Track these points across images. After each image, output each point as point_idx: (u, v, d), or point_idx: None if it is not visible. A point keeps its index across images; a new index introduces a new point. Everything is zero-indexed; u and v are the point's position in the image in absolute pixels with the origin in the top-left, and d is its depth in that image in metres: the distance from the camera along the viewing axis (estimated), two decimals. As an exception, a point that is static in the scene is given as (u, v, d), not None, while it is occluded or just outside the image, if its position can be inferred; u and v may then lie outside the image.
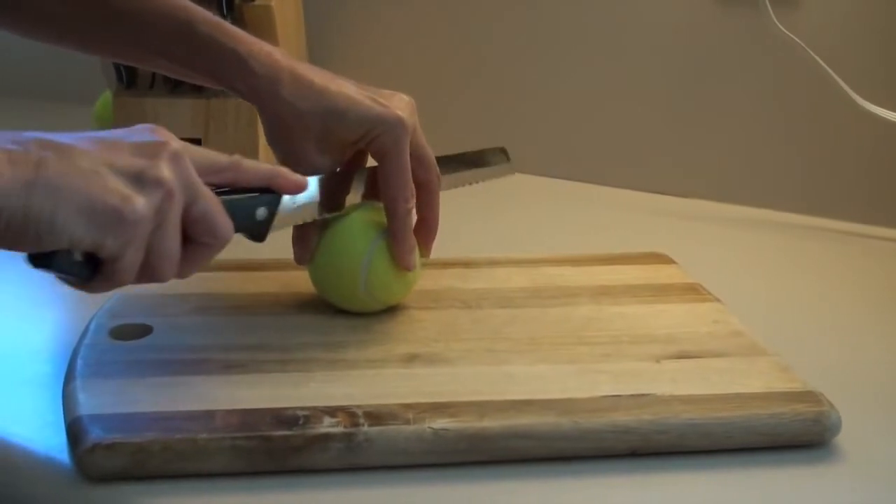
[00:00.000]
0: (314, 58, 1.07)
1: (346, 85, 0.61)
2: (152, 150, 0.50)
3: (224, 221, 0.53)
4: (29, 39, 0.67)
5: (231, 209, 0.54)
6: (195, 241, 0.52)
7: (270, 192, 0.58)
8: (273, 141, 0.62)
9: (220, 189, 0.54)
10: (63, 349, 0.61)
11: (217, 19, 0.61)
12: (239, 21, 0.91)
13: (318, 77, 0.61)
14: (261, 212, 0.57)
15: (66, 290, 0.71)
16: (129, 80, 0.94)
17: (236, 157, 0.55)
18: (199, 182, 0.51)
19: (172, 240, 0.51)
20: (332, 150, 0.62)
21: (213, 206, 0.52)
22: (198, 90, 0.94)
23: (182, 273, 0.53)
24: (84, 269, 0.50)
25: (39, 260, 0.48)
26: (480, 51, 1.08)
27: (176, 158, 0.50)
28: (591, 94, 1.03)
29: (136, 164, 0.49)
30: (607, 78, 1.02)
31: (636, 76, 1.01)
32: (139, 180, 0.48)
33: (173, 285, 0.67)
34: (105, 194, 0.47)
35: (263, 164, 0.57)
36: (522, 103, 1.07)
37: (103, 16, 0.62)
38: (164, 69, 0.64)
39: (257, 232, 0.58)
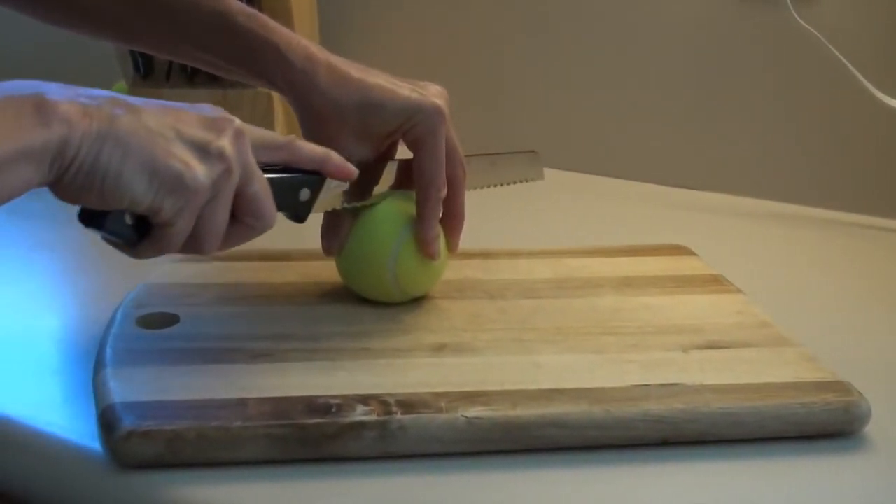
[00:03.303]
0: (326, 48, 1.07)
1: (382, 76, 0.61)
2: (218, 125, 0.51)
3: (271, 207, 0.53)
4: (62, 29, 0.66)
5: (277, 187, 0.54)
6: (240, 221, 0.53)
7: (314, 174, 0.58)
8: (309, 134, 0.62)
9: (269, 167, 0.55)
10: (88, 339, 0.61)
11: (253, 11, 0.61)
12: (256, 8, 0.91)
13: (355, 69, 0.61)
14: (304, 193, 0.58)
15: (89, 280, 0.72)
16: (145, 70, 0.94)
17: (292, 137, 0.56)
18: (254, 164, 0.52)
19: (223, 214, 0.51)
20: (368, 142, 0.62)
21: (264, 190, 0.53)
22: (214, 81, 0.93)
23: (222, 248, 0.54)
24: (133, 233, 0.50)
25: (91, 219, 0.50)
26: (500, 44, 1.08)
27: (238, 137, 0.51)
28: (612, 88, 1.03)
29: (202, 135, 0.49)
30: (627, 72, 1.02)
31: (656, 71, 1.01)
32: (203, 151, 0.49)
33: (198, 275, 0.68)
34: (169, 158, 0.48)
35: (317, 146, 0.58)
36: (543, 98, 1.07)
37: (140, 7, 0.62)
38: (200, 62, 0.64)
39: (300, 212, 0.58)
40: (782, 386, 0.55)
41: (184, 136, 0.49)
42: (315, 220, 0.63)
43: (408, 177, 0.64)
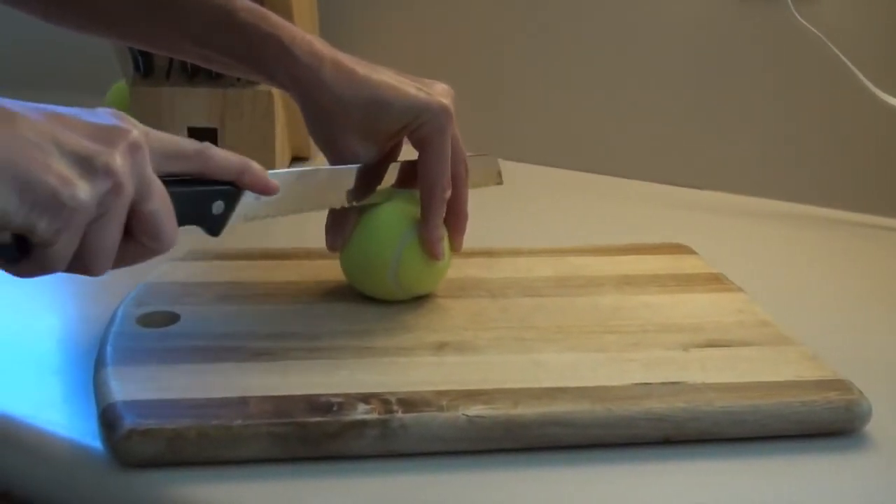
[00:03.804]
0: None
1: (387, 73, 0.61)
2: (110, 136, 0.46)
3: (171, 228, 0.49)
4: (67, 30, 0.66)
5: (183, 201, 0.51)
6: (135, 239, 0.49)
7: (230, 186, 0.55)
8: (313, 131, 0.61)
9: (178, 178, 0.51)
10: (89, 338, 0.61)
11: (257, 7, 0.61)
12: (258, 3, 0.91)
13: (360, 65, 0.60)
14: (217, 206, 0.54)
15: (89, 280, 0.71)
16: (146, 69, 0.94)
17: (205, 145, 0.52)
18: (153, 179, 0.48)
19: (112, 234, 0.47)
20: (373, 140, 0.61)
21: (164, 208, 0.49)
22: (215, 80, 0.93)
23: (115, 267, 0.49)
24: (12, 250, 0.46)
25: None
26: (500, 43, 1.08)
27: (134, 149, 0.47)
28: (612, 87, 1.03)
29: (88, 147, 0.45)
30: (628, 71, 1.02)
31: (657, 70, 1.01)
32: (87, 165, 0.45)
33: (199, 274, 0.68)
34: (45, 173, 0.43)
35: (234, 155, 0.54)
36: (544, 97, 1.07)
37: (143, 4, 0.62)
38: (203, 59, 0.64)
39: (213, 226, 0.55)
40: (783, 384, 0.55)
41: (65, 148, 0.44)
42: (318, 218, 0.64)
43: (410, 177, 0.64)
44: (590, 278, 0.70)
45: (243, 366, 0.55)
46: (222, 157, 0.53)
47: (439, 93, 0.61)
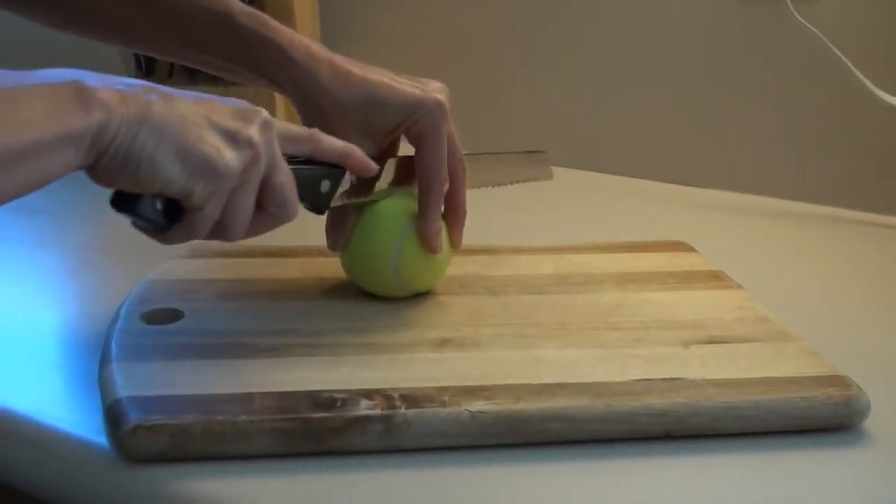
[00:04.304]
0: (328, 47, 1.07)
1: (383, 73, 0.62)
2: (247, 115, 0.52)
3: (295, 198, 0.55)
4: (67, 34, 0.67)
5: (300, 178, 0.56)
6: (265, 210, 0.55)
7: (335, 167, 0.59)
8: None
9: (293, 159, 0.56)
10: (93, 335, 0.61)
11: (255, 11, 0.62)
12: (258, 7, 0.91)
13: (356, 66, 0.61)
14: (325, 185, 0.59)
15: (93, 277, 0.72)
16: (147, 68, 0.94)
17: (314, 131, 0.58)
18: (280, 155, 0.54)
19: (250, 201, 0.53)
20: (371, 138, 0.62)
21: (289, 180, 0.55)
22: (216, 79, 0.93)
23: (247, 236, 0.55)
24: (163, 218, 0.52)
25: (123, 204, 0.51)
26: (502, 43, 1.08)
27: (266, 127, 0.53)
28: (613, 86, 1.04)
29: (232, 123, 0.51)
30: (629, 71, 1.03)
31: (657, 69, 1.01)
32: (233, 138, 0.51)
33: (201, 271, 0.68)
34: (201, 143, 0.50)
35: (338, 140, 0.59)
36: (545, 96, 1.07)
37: (143, 10, 0.63)
38: (202, 63, 0.64)
39: (320, 204, 0.60)
40: (783, 380, 0.56)
41: (215, 123, 0.51)
42: (318, 217, 0.64)
43: (407, 173, 0.64)
44: (590, 275, 0.70)
45: (247, 362, 0.56)
46: (330, 141, 0.58)
47: (434, 89, 0.62)
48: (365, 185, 0.63)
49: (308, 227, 0.64)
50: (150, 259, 0.67)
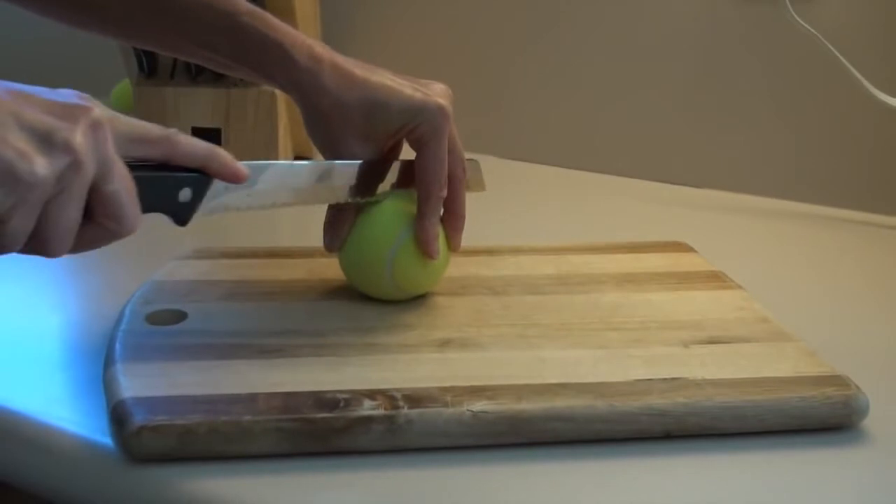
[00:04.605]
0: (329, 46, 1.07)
1: (386, 75, 0.62)
2: (71, 113, 0.46)
3: (132, 210, 0.49)
4: (71, 28, 0.67)
5: (148, 186, 0.50)
6: (96, 222, 0.48)
7: (199, 173, 0.54)
8: (313, 132, 0.62)
9: (146, 164, 0.51)
10: (97, 336, 0.61)
11: (259, 10, 0.61)
12: (259, 5, 0.91)
13: (359, 68, 0.61)
14: (184, 193, 0.53)
15: (96, 278, 0.72)
16: (150, 68, 0.94)
17: (172, 132, 0.52)
18: (115, 159, 0.47)
19: (71, 213, 0.46)
20: (373, 141, 0.62)
21: (126, 189, 0.48)
22: (218, 80, 0.94)
23: (74, 251, 0.49)
24: None
25: None
26: (502, 44, 1.09)
27: (95, 127, 0.46)
28: (613, 87, 1.04)
29: (48, 122, 0.45)
30: (628, 71, 1.03)
31: (656, 69, 1.02)
32: (47, 141, 0.45)
33: (205, 272, 0.68)
34: (1, 146, 0.43)
35: (201, 142, 0.53)
36: (545, 96, 1.07)
37: (148, 5, 0.63)
38: (204, 60, 0.64)
39: (180, 214, 0.54)
40: (782, 380, 0.56)
41: (25, 123, 0.44)
42: (322, 216, 0.64)
43: (410, 176, 0.64)
44: (591, 276, 0.71)
45: (251, 363, 0.56)
46: (188, 144, 0.52)
47: (437, 93, 0.61)
48: (367, 187, 0.63)
49: (311, 228, 0.65)
50: (154, 260, 0.68)
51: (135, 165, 0.49)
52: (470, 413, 0.52)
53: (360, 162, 0.62)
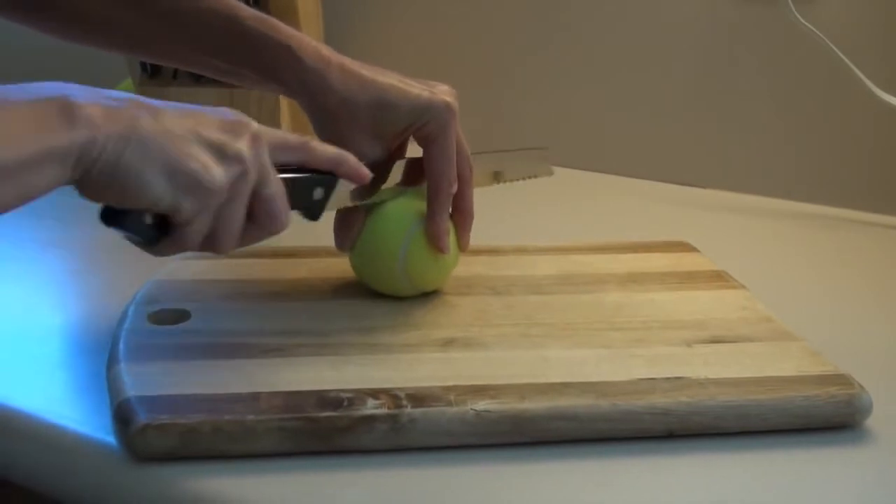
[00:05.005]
0: (332, 48, 1.07)
1: (392, 75, 0.62)
2: (236, 129, 0.52)
3: (285, 209, 0.55)
4: (73, 43, 0.67)
5: (292, 187, 0.56)
6: (255, 221, 0.55)
7: (328, 174, 0.59)
8: (321, 133, 0.62)
9: (284, 167, 0.56)
10: (100, 335, 0.61)
11: (263, 14, 0.62)
12: (263, 10, 0.91)
13: (366, 69, 0.62)
14: (318, 192, 0.59)
15: (99, 278, 0.72)
16: (153, 69, 0.94)
17: (307, 139, 0.58)
18: (271, 168, 0.54)
19: (239, 215, 0.53)
20: (380, 140, 0.62)
21: (279, 192, 0.55)
22: (221, 81, 0.94)
23: (238, 247, 0.55)
24: (152, 232, 0.52)
25: (112, 219, 0.51)
26: (506, 44, 1.09)
27: (256, 140, 0.53)
28: (616, 87, 1.04)
29: (220, 137, 0.51)
30: (631, 71, 1.03)
31: (659, 69, 1.02)
32: (221, 153, 0.51)
33: (207, 271, 0.68)
34: (189, 159, 0.50)
35: (331, 147, 0.59)
36: (548, 97, 1.07)
37: (150, 16, 0.63)
38: (211, 68, 0.64)
39: (314, 211, 0.60)
40: (785, 379, 0.56)
41: (202, 138, 0.51)
42: (324, 217, 0.64)
43: (415, 174, 0.65)
44: (594, 276, 0.71)
45: (254, 362, 0.56)
46: (323, 149, 0.58)
47: (443, 92, 0.62)
48: (372, 186, 0.63)
49: (315, 228, 0.64)
50: (157, 259, 0.68)
51: (277, 169, 0.55)
52: (473, 412, 0.52)
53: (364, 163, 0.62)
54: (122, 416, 0.51)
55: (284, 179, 0.55)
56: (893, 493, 0.51)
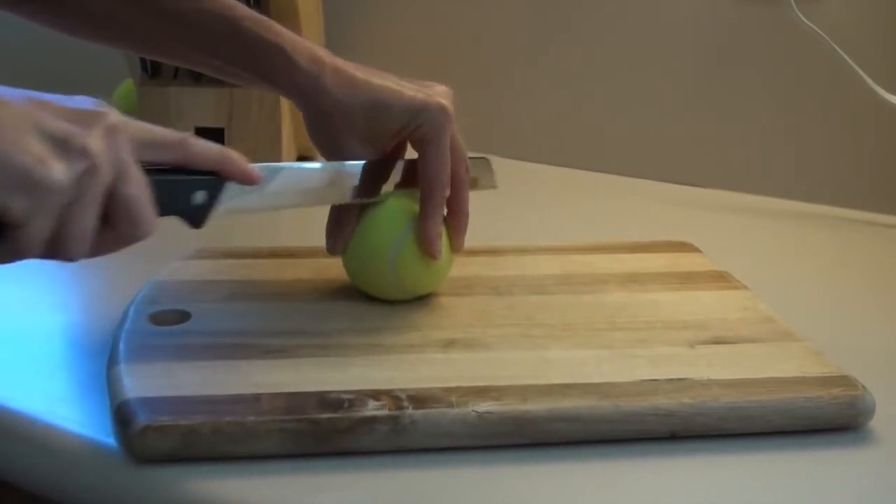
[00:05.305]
0: (332, 48, 1.07)
1: (387, 77, 0.62)
2: (87, 119, 0.47)
3: (148, 214, 0.50)
4: (74, 37, 0.67)
5: (163, 190, 0.51)
6: (112, 226, 0.49)
7: (213, 175, 0.54)
8: (315, 135, 0.62)
9: (160, 168, 0.51)
10: (101, 336, 0.61)
11: (260, 16, 0.62)
12: (263, 10, 0.91)
13: (360, 71, 0.61)
14: (199, 196, 0.54)
15: (99, 278, 0.72)
16: (153, 69, 0.94)
17: (185, 136, 0.53)
18: (130, 164, 0.48)
19: (88, 217, 0.47)
20: (375, 142, 0.62)
21: (140, 193, 0.49)
22: (221, 80, 0.94)
23: (93, 255, 0.50)
24: None
25: None
26: (505, 45, 1.08)
27: (111, 132, 0.47)
28: (617, 87, 1.04)
29: (65, 128, 0.46)
30: (632, 71, 1.03)
31: (661, 69, 1.01)
32: (64, 146, 0.45)
33: (208, 272, 0.68)
34: (19, 152, 0.44)
35: (215, 146, 0.54)
36: (548, 97, 1.07)
37: (149, 13, 0.63)
38: (207, 67, 0.64)
39: (195, 217, 0.55)
40: (788, 380, 0.56)
41: (43, 129, 0.45)
42: (325, 216, 0.64)
43: (413, 176, 0.64)
44: (595, 276, 0.70)
45: (255, 363, 0.56)
46: (202, 147, 0.53)
47: (438, 94, 0.62)
48: (371, 187, 0.63)
49: (315, 228, 0.64)
50: (158, 260, 0.68)
51: (149, 170, 0.50)
52: (474, 413, 0.51)
53: (364, 162, 0.62)
54: (122, 417, 0.51)
55: (152, 181, 0.50)
56: (896, 495, 0.51)
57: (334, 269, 0.68)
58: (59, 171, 0.45)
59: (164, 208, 0.51)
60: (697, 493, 0.50)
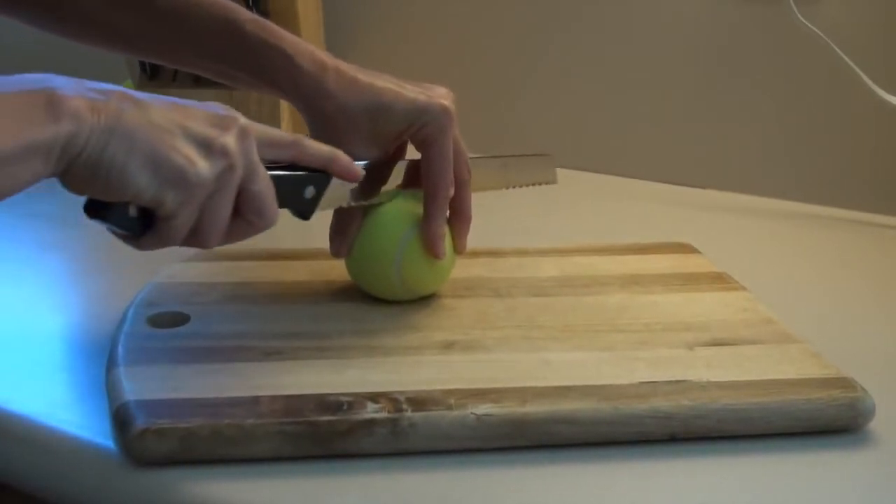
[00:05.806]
0: (332, 50, 1.07)
1: (389, 79, 0.62)
2: (223, 123, 0.52)
3: (273, 205, 0.55)
4: (73, 41, 0.67)
5: (281, 185, 0.56)
6: (242, 217, 0.54)
7: (320, 172, 0.59)
8: (317, 137, 0.62)
9: (274, 164, 0.56)
10: (99, 338, 0.61)
11: (261, 19, 0.62)
12: (263, 12, 0.91)
13: (362, 73, 0.62)
14: (309, 191, 0.59)
15: (98, 280, 0.72)
16: (152, 70, 0.94)
17: (299, 137, 0.58)
18: (259, 163, 0.54)
19: (225, 210, 0.53)
20: (377, 144, 0.62)
21: (267, 189, 0.54)
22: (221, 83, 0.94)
23: (224, 243, 0.55)
24: (137, 225, 0.52)
25: (97, 211, 0.51)
26: (506, 46, 1.08)
27: (243, 135, 0.53)
28: (617, 88, 1.04)
29: (207, 131, 0.51)
30: (632, 72, 1.03)
31: (661, 70, 1.01)
32: (207, 147, 0.51)
33: (206, 274, 0.68)
34: (173, 152, 0.49)
35: (323, 145, 0.59)
36: (549, 98, 1.07)
37: (150, 17, 0.63)
38: (209, 71, 0.64)
39: (304, 210, 0.60)
40: (788, 382, 0.56)
41: (189, 132, 0.50)
42: (324, 218, 0.64)
43: (415, 177, 0.65)
44: (595, 278, 0.70)
45: (254, 365, 0.56)
46: (314, 147, 0.58)
47: (440, 95, 0.62)
48: (371, 188, 0.63)
49: (314, 230, 0.64)
50: (156, 262, 0.67)
51: (266, 166, 0.55)
52: (474, 416, 0.51)
53: (366, 163, 0.62)
54: (120, 419, 0.51)
55: (274, 177, 0.55)
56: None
57: (333, 270, 0.68)
58: (205, 168, 0.51)
59: (280, 201, 0.56)
60: (697, 496, 0.50)
